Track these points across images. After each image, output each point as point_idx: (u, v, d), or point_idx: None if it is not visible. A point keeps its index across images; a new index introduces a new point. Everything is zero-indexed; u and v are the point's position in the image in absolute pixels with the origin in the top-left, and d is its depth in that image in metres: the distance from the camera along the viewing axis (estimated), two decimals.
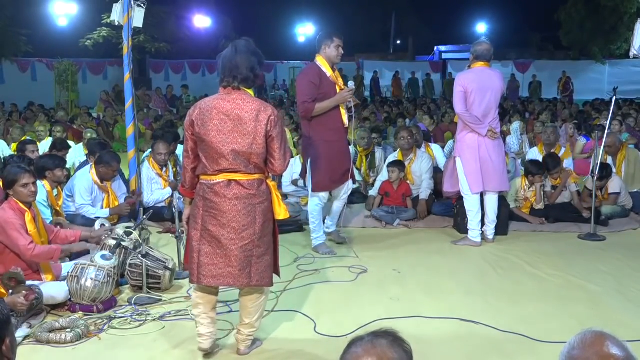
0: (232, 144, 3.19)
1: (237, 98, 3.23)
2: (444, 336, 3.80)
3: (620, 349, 1.59)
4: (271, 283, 3.42)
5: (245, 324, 3.47)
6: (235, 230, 3.23)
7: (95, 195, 5.91)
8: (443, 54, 34.57)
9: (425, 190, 6.80)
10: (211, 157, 3.23)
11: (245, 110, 3.19)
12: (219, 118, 3.19)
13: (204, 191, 3.28)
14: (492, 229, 5.87)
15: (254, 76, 3.29)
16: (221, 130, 3.19)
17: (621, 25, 23.99)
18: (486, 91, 5.53)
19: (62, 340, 3.63)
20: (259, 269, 3.29)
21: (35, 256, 4.18)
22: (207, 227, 3.26)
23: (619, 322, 3.94)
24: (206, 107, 3.24)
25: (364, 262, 5.26)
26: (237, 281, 3.28)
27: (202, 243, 3.27)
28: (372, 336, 1.56)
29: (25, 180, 4.24)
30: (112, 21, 6.24)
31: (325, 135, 5.29)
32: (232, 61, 3.25)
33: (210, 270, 3.26)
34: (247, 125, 3.18)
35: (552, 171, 6.68)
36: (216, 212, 3.24)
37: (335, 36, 5.26)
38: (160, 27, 20.19)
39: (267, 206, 3.31)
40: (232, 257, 3.24)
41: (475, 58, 5.65)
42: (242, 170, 3.22)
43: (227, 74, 3.25)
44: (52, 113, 14.37)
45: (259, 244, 3.28)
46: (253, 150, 3.20)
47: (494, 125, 5.61)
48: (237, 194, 3.22)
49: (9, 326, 1.75)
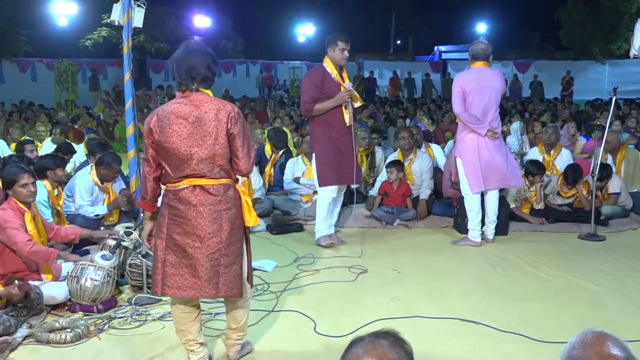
0: (193, 147, 3.03)
1: (194, 100, 3.08)
2: (444, 336, 3.80)
3: (620, 349, 1.59)
4: (241, 293, 3.19)
5: (233, 328, 3.35)
6: (200, 239, 3.06)
7: (96, 195, 5.91)
8: (443, 54, 34.58)
9: (425, 190, 6.82)
10: (174, 163, 3.08)
11: (204, 111, 3.04)
12: (177, 122, 3.04)
13: (169, 198, 3.12)
14: (492, 229, 5.88)
15: (212, 74, 3.15)
16: (181, 134, 3.03)
17: (621, 25, 23.99)
18: (485, 91, 5.53)
19: (62, 340, 3.63)
20: (227, 278, 3.10)
21: (32, 253, 4.17)
22: (172, 235, 3.10)
23: (619, 322, 3.93)
24: (163, 113, 3.09)
25: (364, 262, 5.26)
26: (204, 292, 3.10)
27: (167, 252, 3.11)
28: (373, 337, 1.57)
29: (25, 180, 4.25)
30: (112, 21, 6.24)
31: (329, 132, 5.53)
32: (188, 62, 3.09)
33: (176, 281, 3.09)
34: (207, 126, 3.03)
35: (570, 185, 6.62)
36: (181, 220, 3.08)
37: (340, 40, 5.49)
38: (160, 27, 20.20)
39: (234, 212, 3.12)
40: (198, 266, 3.06)
41: (472, 58, 5.68)
42: (206, 175, 3.06)
43: (184, 76, 3.08)
44: (52, 113, 14.38)
45: (226, 253, 3.09)
46: (216, 151, 3.05)
47: (494, 125, 5.60)
48: (202, 200, 3.06)
49: None
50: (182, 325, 3.25)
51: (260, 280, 4.81)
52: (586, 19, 25.22)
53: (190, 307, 3.24)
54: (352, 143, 5.57)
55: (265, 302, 4.36)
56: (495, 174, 5.67)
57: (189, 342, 3.26)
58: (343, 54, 5.49)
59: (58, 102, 17.93)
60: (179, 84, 3.12)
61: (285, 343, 3.72)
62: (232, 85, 22.68)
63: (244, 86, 24.86)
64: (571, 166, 6.77)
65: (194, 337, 3.26)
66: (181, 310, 3.23)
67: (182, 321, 3.24)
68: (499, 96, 5.65)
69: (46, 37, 21.25)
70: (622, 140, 7.39)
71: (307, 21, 32.42)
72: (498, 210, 5.87)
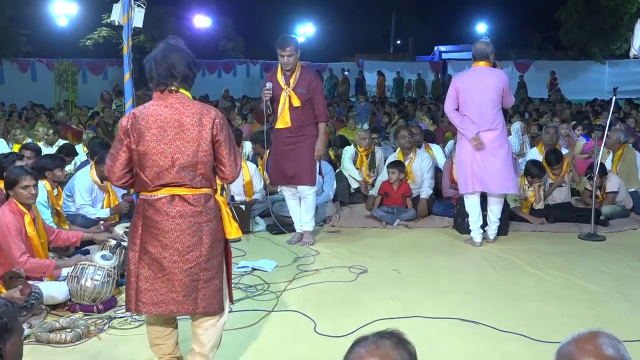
0: (174, 154, 2.84)
1: (175, 102, 2.89)
2: (444, 336, 3.80)
3: (611, 347, 1.58)
4: (220, 310, 3.01)
5: (196, 352, 3.06)
6: (179, 252, 2.87)
7: (96, 195, 5.91)
8: (443, 54, 34.54)
9: (426, 190, 6.83)
10: (152, 171, 2.86)
11: (186, 115, 2.86)
12: (157, 127, 2.84)
13: (143, 208, 2.91)
14: (493, 229, 5.86)
15: (193, 75, 2.99)
16: (161, 140, 2.83)
17: (621, 25, 23.96)
18: (476, 89, 5.50)
19: (62, 340, 3.63)
20: (206, 294, 2.92)
21: (27, 270, 4.07)
22: (146, 248, 2.89)
23: (619, 322, 3.93)
24: (141, 115, 2.87)
25: (364, 262, 5.26)
26: (181, 308, 2.91)
27: (141, 266, 2.91)
28: (376, 337, 1.57)
29: (27, 182, 4.22)
30: (112, 21, 6.24)
31: (275, 133, 5.81)
32: (167, 60, 2.90)
33: (151, 296, 2.89)
34: (190, 132, 2.84)
35: (554, 166, 6.70)
36: (157, 232, 2.87)
37: (276, 46, 5.61)
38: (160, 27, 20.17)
39: (215, 224, 2.95)
40: (176, 281, 2.87)
41: (473, 58, 5.69)
42: (187, 184, 2.87)
43: (164, 75, 2.89)
44: (52, 113, 14.37)
45: (206, 267, 2.91)
46: (199, 159, 2.87)
47: (494, 126, 5.54)
48: (181, 211, 2.87)
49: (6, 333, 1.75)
50: (158, 340, 3.13)
51: (260, 280, 4.82)
52: (586, 19, 25.19)
53: (167, 324, 3.13)
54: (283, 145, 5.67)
55: (265, 302, 4.37)
56: (488, 178, 5.61)
57: (165, 356, 3.15)
58: (281, 60, 5.60)
59: (58, 102, 17.92)
60: (157, 83, 2.93)
61: (285, 343, 3.72)
62: (232, 85, 22.65)
63: (244, 86, 24.85)
64: (551, 150, 6.92)
65: (171, 351, 3.16)
66: (157, 323, 3.11)
67: (158, 335, 3.13)
68: (494, 95, 5.50)
69: (46, 37, 21.22)
70: (622, 139, 7.39)
71: (307, 21, 32.40)
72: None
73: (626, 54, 10.73)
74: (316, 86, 5.67)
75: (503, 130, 5.63)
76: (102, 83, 21.80)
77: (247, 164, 6.89)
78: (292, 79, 5.59)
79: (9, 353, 1.76)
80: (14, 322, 1.80)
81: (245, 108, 15.96)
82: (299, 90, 5.56)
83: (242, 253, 5.53)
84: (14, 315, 1.80)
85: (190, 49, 3.08)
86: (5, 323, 1.75)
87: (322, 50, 30.85)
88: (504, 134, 5.67)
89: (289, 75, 5.62)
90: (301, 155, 5.67)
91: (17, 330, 1.83)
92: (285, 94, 5.57)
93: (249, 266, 5.11)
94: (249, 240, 6.04)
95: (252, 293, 4.54)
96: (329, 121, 8.26)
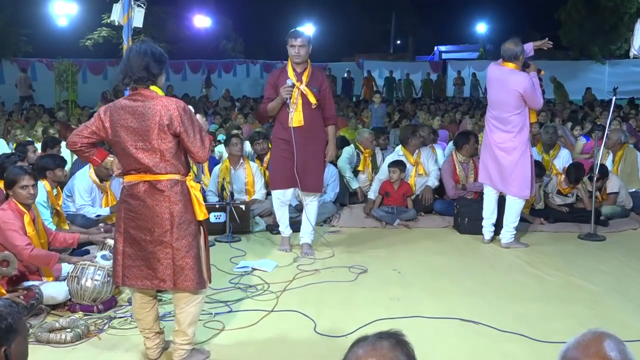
0: (139, 142, 3.19)
1: (141, 96, 3.23)
2: (444, 336, 3.80)
3: (617, 352, 1.57)
4: (195, 287, 3.26)
5: (176, 330, 3.36)
6: (151, 232, 3.22)
7: (95, 194, 5.91)
8: (443, 54, 34.56)
9: (432, 180, 6.98)
10: (124, 156, 3.25)
11: (149, 107, 3.18)
12: (125, 117, 3.20)
13: (124, 194, 3.30)
14: (504, 232, 5.77)
15: (150, 75, 3.24)
16: (128, 129, 3.19)
17: (621, 25, 23.95)
18: (494, 91, 5.62)
19: (62, 340, 3.63)
20: (179, 271, 3.22)
21: (32, 257, 4.14)
22: (127, 229, 3.27)
23: (619, 322, 3.94)
24: (115, 107, 3.26)
25: (364, 262, 5.26)
26: (159, 284, 3.25)
27: (125, 245, 3.28)
28: (375, 337, 1.57)
29: (25, 182, 4.22)
30: (112, 21, 6.26)
31: (279, 133, 5.42)
32: (126, 63, 3.27)
33: (133, 272, 3.27)
34: (150, 121, 3.16)
35: (571, 182, 6.63)
36: (134, 215, 3.25)
37: (288, 36, 5.35)
38: (160, 27, 20.17)
39: (182, 207, 3.23)
40: (151, 259, 3.22)
41: (501, 57, 5.62)
42: (152, 170, 3.20)
43: (122, 77, 3.28)
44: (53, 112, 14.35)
45: (176, 246, 3.21)
46: (160, 147, 3.18)
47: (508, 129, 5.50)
48: (150, 194, 3.21)
49: (11, 335, 1.75)
50: (138, 315, 3.42)
51: (260, 280, 4.82)
52: (586, 19, 25.18)
53: (148, 297, 3.40)
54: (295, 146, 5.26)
55: (265, 302, 4.37)
56: (495, 175, 5.67)
57: (145, 330, 3.43)
58: (292, 50, 5.29)
59: (58, 102, 17.91)
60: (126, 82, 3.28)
61: (285, 343, 3.72)
62: (232, 85, 22.63)
63: (244, 86, 24.85)
64: (574, 164, 6.79)
65: (150, 327, 3.41)
66: (139, 300, 3.39)
67: (139, 310, 3.40)
68: (510, 99, 5.43)
69: (46, 37, 21.20)
70: (622, 139, 7.39)
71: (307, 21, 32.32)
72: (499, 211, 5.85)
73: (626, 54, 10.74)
74: (327, 87, 5.44)
75: (519, 134, 5.50)
76: (102, 83, 21.78)
77: (249, 163, 6.88)
78: (305, 76, 5.31)
79: (14, 354, 1.76)
80: (19, 323, 1.80)
81: (246, 108, 15.95)
82: (312, 88, 5.29)
83: (242, 253, 5.54)
84: (18, 316, 1.80)
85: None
86: (10, 324, 1.75)
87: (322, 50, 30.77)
88: (521, 138, 5.51)
89: (301, 73, 5.32)
90: (311, 159, 5.35)
91: (22, 331, 1.83)
92: (299, 92, 5.26)
93: (249, 266, 5.11)
94: (249, 240, 6.04)
95: (252, 293, 4.54)
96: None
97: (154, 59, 3.26)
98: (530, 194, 5.77)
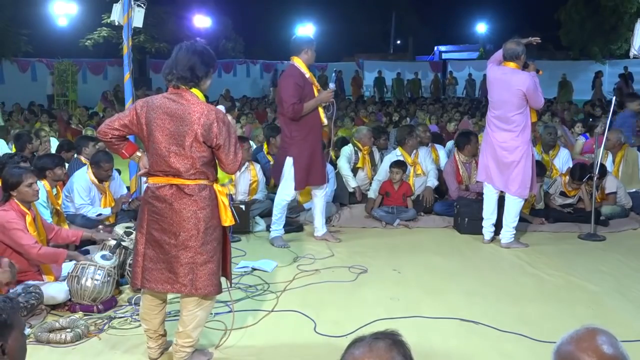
0: (172, 146, 3.11)
1: (182, 98, 3.14)
2: (444, 336, 3.80)
3: (610, 346, 1.58)
4: (214, 292, 3.25)
5: (179, 332, 3.31)
6: (175, 236, 3.15)
7: (94, 195, 5.90)
8: (443, 54, 34.59)
9: (432, 180, 6.99)
10: (154, 156, 3.16)
11: (188, 112, 3.09)
12: (162, 118, 3.12)
13: (148, 195, 3.22)
14: (503, 232, 5.77)
15: (194, 76, 3.16)
16: (163, 130, 3.12)
17: (621, 25, 23.97)
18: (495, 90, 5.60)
19: (62, 340, 3.63)
20: (202, 276, 3.17)
21: (40, 255, 4.14)
22: (150, 231, 3.20)
23: (619, 322, 3.94)
24: (153, 104, 3.16)
25: (364, 262, 5.26)
26: (180, 288, 3.20)
27: (147, 247, 3.22)
28: (371, 338, 1.56)
29: (30, 180, 4.24)
30: (112, 21, 6.24)
31: (308, 134, 5.58)
32: (173, 59, 3.19)
33: (154, 275, 3.21)
34: (188, 127, 3.08)
35: (575, 181, 6.60)
36: (158, 217, 3.18)
37: (314, 42, 5.70)
38: (160, 27, 20.17)
39: (209, 212, 3.18)
40: (174, 263, 3.17)
41: (503, 57, 5.65)
42: (182, 175, 3.13)
43: (167, 72, 3.20)
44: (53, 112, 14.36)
45: (201, 251, 3.16)
46: (193, 154, 3.11)
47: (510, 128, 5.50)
48: (178, 198, 3.14)
49: (6, 330, 1.75)
50: (146, 316, 3.39)
51: (260, 280, 4.82)
52: (586, 19, 25.20)
53: (158, 301, 3.37)
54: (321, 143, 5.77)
55: (265, 302, 4.37)
56: (494, 173, 5.67)
57: (149, 331, 3.41)
58: (314, 56, 5.68)
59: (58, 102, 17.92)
60: (168, 80, 3.21)
61: (285, 343, 3.72)
62: (232, 85, 22.63)
63: (244, 86, 24.86)
64: (579, 164, 6.79)
65: (155, 329, 3.40)
66: (149, 302, 3.35)
67: (147, 312, 3.37)
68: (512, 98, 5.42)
69: (46, 37, 21.20)
70: (622, 140, 7.39)
71: (307, 21, 32.36)
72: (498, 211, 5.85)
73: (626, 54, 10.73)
74: None
75: (522, 134, 5.50)
76: (102, 83, 21.80)
77: (254, 164, 6.85)
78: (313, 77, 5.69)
79: (11, 349, 1.76)
80: (14, 317, 1.80)
81: (246, 108, 15.95)
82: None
83: (242, 253, 5.53)
84: (13, 311, 1.80)
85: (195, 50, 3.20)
86: (4, 319, 1.75)
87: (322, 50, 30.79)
88: (523, 137, 5.51)
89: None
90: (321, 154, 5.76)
91: (18, 325, 1.82)
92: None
93: (249, 266, 5.11)
94: (249, 240, 6.04)
95: (252, 293, 4.54)
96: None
97: (202, 61, 3.19)
98: (532, 193, 5.76)
